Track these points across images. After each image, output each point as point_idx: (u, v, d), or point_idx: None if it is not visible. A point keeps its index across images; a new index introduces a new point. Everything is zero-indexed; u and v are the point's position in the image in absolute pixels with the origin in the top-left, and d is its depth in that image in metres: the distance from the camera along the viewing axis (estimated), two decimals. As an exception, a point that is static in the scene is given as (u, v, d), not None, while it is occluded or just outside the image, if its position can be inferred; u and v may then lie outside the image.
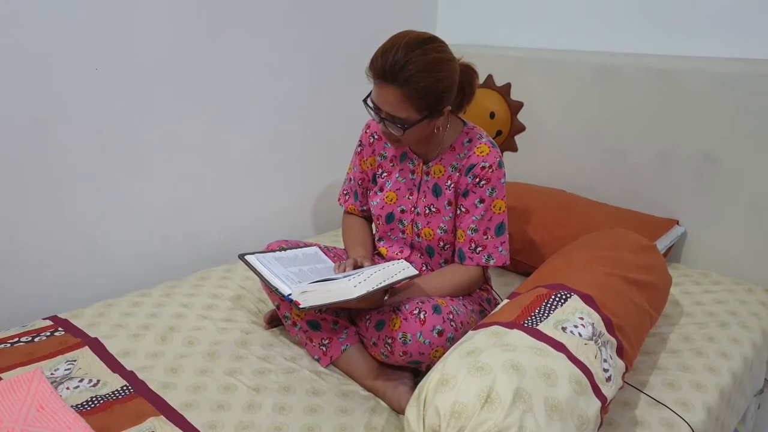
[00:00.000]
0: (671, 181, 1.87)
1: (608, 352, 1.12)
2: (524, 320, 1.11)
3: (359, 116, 1.69)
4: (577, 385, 1.00)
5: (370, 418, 1.21)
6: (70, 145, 1.60)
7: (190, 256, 1.92)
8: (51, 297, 1.65)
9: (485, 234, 1.38)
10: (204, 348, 1.41)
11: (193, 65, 1.78)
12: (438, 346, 1.22)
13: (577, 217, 1.83)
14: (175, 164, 1.83)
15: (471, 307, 1.39)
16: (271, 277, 1.25)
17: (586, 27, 2.04)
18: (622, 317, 1.20)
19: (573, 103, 2.04)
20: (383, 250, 1.53)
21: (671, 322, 1.55)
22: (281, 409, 1.21)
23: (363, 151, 1.53)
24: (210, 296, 1.64)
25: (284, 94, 2.03)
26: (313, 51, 2.06)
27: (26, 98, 1.50)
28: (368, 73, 1.26)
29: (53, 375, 1.27)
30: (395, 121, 1.27)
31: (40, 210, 1.59)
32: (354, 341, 1.37)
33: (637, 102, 1.89)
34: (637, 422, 1.19)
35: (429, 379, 0.99)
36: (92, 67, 1.58)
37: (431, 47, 1.23)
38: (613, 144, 1.97)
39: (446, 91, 1.26)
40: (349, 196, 1.59)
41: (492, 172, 1.35)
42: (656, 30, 1.89)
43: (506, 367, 0.96)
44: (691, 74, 1.77)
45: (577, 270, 1.31)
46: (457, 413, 0.92)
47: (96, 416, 1.15)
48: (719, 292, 1.68)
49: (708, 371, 1.35)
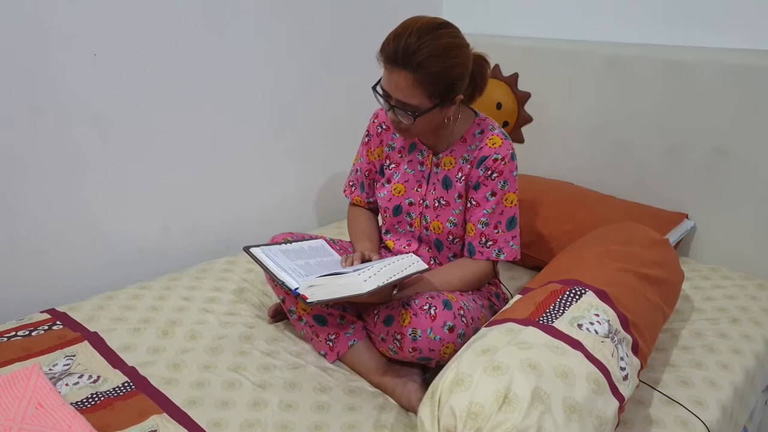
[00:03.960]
0: (680, 175, 1.84)
1: (624, 350, 1.09)
2: (539, 317, 1.08)
3: (363, 106, 1.65)
4: (595, 385, 0.97)
5: (378, 415, 1.18)
6: (68, 135, 1.55)
7: (190, 247, 1.88)
8: (48, 289, 1.61)
9: (496, 228, 1.34)
10: (207, 343, 1.37)
11: (194, 54, 1.74)
12: (449, 342, 1.19)
13: (585, 211, 1.80)
14: (176, 154, 1.78)
15: (481, 302, 1.36)
16: (277, 271, 1.22)
17: (595, 17, 2.00)
18: (637, 314, 1.17)
19: (581, 95, 2.00)
20: (390, 243, 1.50)
21: (682, 317, 1.52)
22: (287, 407, 1.18)
23: (370, 141, 1.49)
24: (212, 289, 1.60)
25: (287, 83, 1.98)
26: (316, 40, 2.01)
27: (23, 87, 1.45)
28: (379, 57, 1.22)
29: (52, 371, 1.24)
30: (405, 108, 1.23)
31: (38, 200, 1.55)
32: (362, 336, 1.33)
33: (647, 93, 1.85)
34: (651, 421, 1.17)
35: (443, 378, 0.96)
36: (90, 53, 1.54)
37: (445, 32, 1.19)
38: (622, 136, 1.94)
39: (459, 78, 1.22)
40: (355, 188, 1.55)
41: (504, 165, 1.31)
42: (666, 20, 1.85)
43: (523, 366, 0.93)
44: (702, 66, 1.73)
45: (590, 265, 1.28)
46: (474, 414, 0.89)
47: (96, 414, 1.12)
48: (729, 288, 1.66)
49: (721, 368, 1.33)
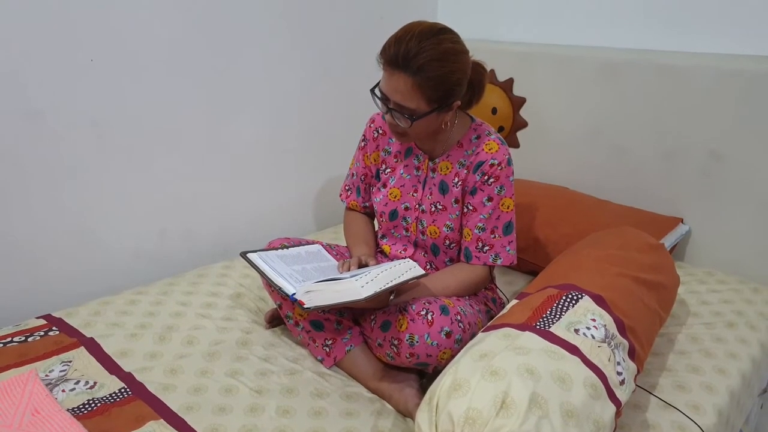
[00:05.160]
0: (676, 179, 1.85)
1: (621, 355, 1.09)
2: (536, 322, 1.08)
3: (359, 110, 1.65)
4: (592, 390, 0.97)
5: (376, 421, 1.18)
6: (65, 139, 1.55)
7: (187, 252, 1.88)
8: (44, 294, 1.60)
9: (493, 233, 1.35)
10: (204, 348, 1.37)
11: (192, 58, 1.74)
12: (446, 347, 1.19)
13: (581, 215, 1.80)
14: (173, 158, 1.78)
15: (478, 307, 1.36)
16: (274, 276, 1.22)
17: (590, 22, 2.01)
18: (633, 318, 1.18)
19: (576, 100, 2.01)
20: (386, 248, 1.50)
21: (678, 322, 1.53)
22: (285, 412, 1.18)
23: (366, 146, 1.50)
24: (209, 294, 1.60)
25: (284, 88, 1.99)
26: (313, 45, 2.02)
27: (19, 91, 1.45)
28: (379, 60, 1.23)
29: (48, 377, 1.23)
30: (403, 111, 1.23)
31: (34, 204, 1.55)
32: (358, 342, 1.33)
33: (642, 98, 1.86)
34: (648, 426, 1.17)
35: (440, 384, 0.96)
36: (87, 58, 1.54)
37: (445, 37, 1.20)
38: (617, 141, 1.95)
39: (458, 83, 1.23)
40: (351, 192, 1.55)
41: (501, 170, 1.32)
42: (661, 26, 1.86)
43: (521, 371, 0.94)
44: (697, 71, 1.74)
45: (586, 270, 1.28)
46: (472, 419, 0.89)
47: (93, 420, 1.11)
48: (725, 292, 1.66)
49: (717, 373, 1.33)
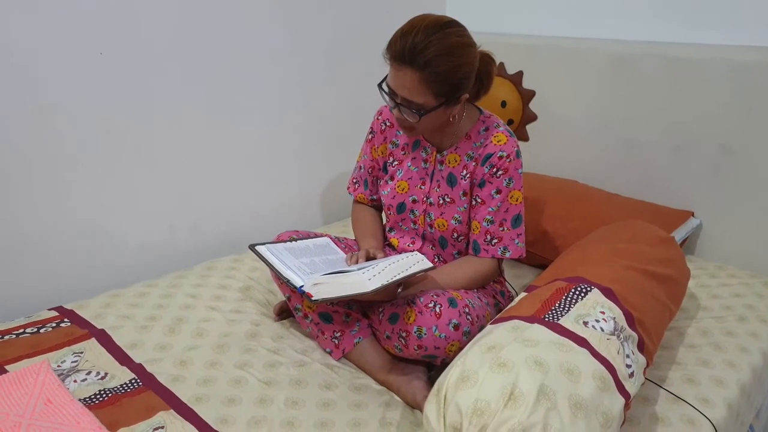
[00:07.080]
0: (686, 173, 1.84)
1: (630, 347, 1.09)
2: (545, 314, 1.08)
3: (366, 104, 1.65)
4: (600, 382, 0.97)
5: (384, 412, 1.19)
6: (74, 134, 1.56)
7: (196, 246, 1.89)
8: (56, 287, 1.62)
9: (501, 225, 1.34)
10: (213, 340, 1.38)
11: (197, 54, 1.74)
12: (454, 340, 1.19)
13: (591, 209, 1.80)
14: (182, 153, 1.79)
15: (486, 300, 1.36)
16: (282, 268, 1.22)
17: (600, 14, 1.99)
18: (643, 311, 1.17)
19: (586, 93, 1.99)
20: (394, 240, 1.50)
21: (688, 315, 1.52)
22: (293, 404, 1.19)
23: (374, 138, 1.50)
24: (218, 287, 1.61)
25: (290, 82, 1.99)
26: (319, 39, 2.01)
27: (29, 85, 1.46)
28: (385, 55, 1.22)
29: (60, 367, 1.25)
30: (411, 106, 1.23)
31: (44, 199, 1.56)
32: (367, 334, 1.34)
33: (652, 91, 1.85)
34: (657, 419, 1.17)
35: (449, 375, 0.96)
36: (96, 52, 1.54)
37: (452, 31, 1.19)
38: (627, 134, 1.93)
39: (465, 77, 1.22)
40: (359, 185, 1.56)
41: (509, 162, 1.31)
42: (672, 17, 1.85)
43: (529, 363, 0.94)
44: (708, 63, 1.73)
45: (595, 263, 1.28)
46: (480, 411, 0.89)
47: (104, 410, 1.13)
48: (736, 286, 1.65)
49: (728, 366, 1.32)
